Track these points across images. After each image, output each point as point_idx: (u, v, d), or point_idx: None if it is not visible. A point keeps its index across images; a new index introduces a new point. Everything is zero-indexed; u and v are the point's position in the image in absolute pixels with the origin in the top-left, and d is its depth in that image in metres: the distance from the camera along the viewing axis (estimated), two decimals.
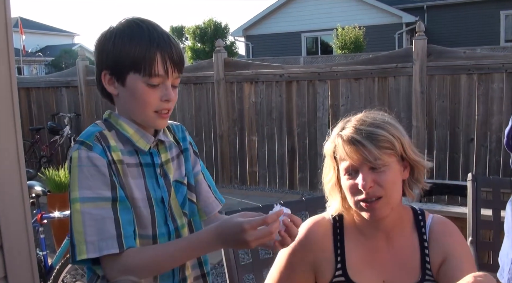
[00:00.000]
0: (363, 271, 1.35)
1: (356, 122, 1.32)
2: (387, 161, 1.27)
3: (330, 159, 1.36)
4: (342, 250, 1.38)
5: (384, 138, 1.27)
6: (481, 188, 2.40)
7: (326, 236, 1.40)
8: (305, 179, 6.07)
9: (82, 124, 7.42)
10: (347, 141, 1.28)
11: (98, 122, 1.33)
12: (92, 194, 1.17)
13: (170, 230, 1.31)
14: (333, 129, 1.38)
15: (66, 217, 3.28)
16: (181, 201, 1.37)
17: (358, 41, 18.65)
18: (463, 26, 19.60)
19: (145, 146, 1.29)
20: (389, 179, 1.27)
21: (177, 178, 1.38)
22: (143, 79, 1.21)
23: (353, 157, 1.27)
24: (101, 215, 1.17)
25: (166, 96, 1.24)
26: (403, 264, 1.35)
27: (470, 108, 5.11)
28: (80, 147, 1.20)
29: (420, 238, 1.37)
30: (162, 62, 1.21)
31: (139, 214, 1.25)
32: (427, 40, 5.19)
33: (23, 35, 19.79)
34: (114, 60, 1.23)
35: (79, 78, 7.28)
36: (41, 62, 28.53)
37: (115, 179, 1.21)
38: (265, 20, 22.06)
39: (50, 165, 6.66)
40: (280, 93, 6.05)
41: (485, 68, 4.97)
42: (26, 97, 7.92)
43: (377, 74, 5.49)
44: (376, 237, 1.37)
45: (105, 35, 1.25)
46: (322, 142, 1.46)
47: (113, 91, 1.28)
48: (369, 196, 1.27)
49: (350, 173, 1.30)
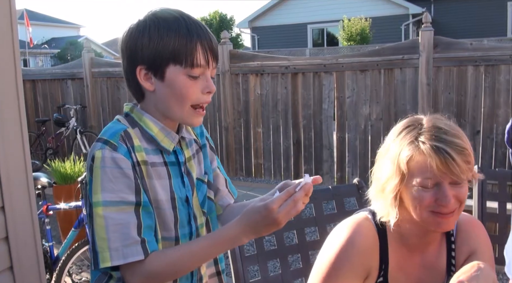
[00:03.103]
0: (398, 277, 1.33)
1: (433, 129, 1.20)
2: (467, 174, 1.19)
3: (397, 166, 1.22)
4: (386, 257, 1.32)
5: (467, 151, 1.18)
6: (487, 180, 2.38)
7: (374, 241, 1.32)
8: (310, 171, 6.06)
9: (88, 116, 7.44)
10: (435, 151, 1.16)
11: (120, 119, 1.25)
12: (115, 198, 1.12)
13: (193, 230, 1.29)
14: (399, 133, 1.25)
15: (72, 208, 3.30)
16: (201, 200, 1.35)
17: (364, 32, 18.56)
18: (470, 18, 19.45)
19: (169, 145, 1.25)
20: (465, 193, 1.21)
21: (199, 175, 1.36)
22: (184, 71, 1.17)
23: (440, 170, 1.16)
24: (124, 219, 1.12)
25: (208, 87, 1.21)
26: (431, 267, 1.34)
27: (476, 100, 5.08)
28: (104, 146, 1.14)
29: (448, 239, 1.36)
30: (203, 52, 1.17)
31: (163, 216, 1.22)
32: (434, 32, 5.15)
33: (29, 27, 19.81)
34: (152, 54, 1.16)
35: (84, 70, 7.29)
36: (47, 54, 28.60)
37: (140, 182, 1.16)
38: (271, 11, 21.98)
39: (56, 157, 6.70)
40: (285, 85, 6.04)
41: (492, 60, 4.93)
42: (32, 89, 7.94)
43: (383, 66, 5.46)
44: (417, 245, 1.33)
45: (136, 29, 1.19)
46: (328, 134, 1.44)
47: (150, 87, 1.20)
48: (448, 210, 1.20)
49: (427, 186, 1.19)
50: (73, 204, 3.29)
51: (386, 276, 1.32)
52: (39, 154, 7.75)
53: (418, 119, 1.26)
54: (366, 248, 1.30)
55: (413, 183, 1.20)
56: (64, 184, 4.39)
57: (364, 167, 5.66)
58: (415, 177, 1.20)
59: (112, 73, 7.11)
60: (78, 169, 4.50)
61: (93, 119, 7.43)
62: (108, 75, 7.17)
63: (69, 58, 23.67)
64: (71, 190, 4.04)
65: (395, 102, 5.43)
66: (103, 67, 7.23)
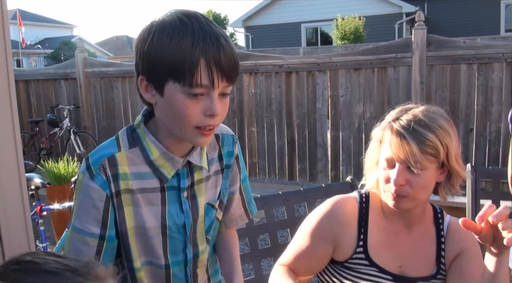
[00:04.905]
0: (381, 253, 1.40)
1: (411, 117, 1.30)
2: (426, 166, 1.27)
3: (377, 142, 1.38)
4: (366, 229, 1.41)
5: (431, 144, 1.26)
6: (481, 178, 2.39)
7: (352, 212, 1.43)
8: (304, 170, 6.08)
9: (81, 116, 7.41)
10: (395, 133, 1.29)
11: (120, 135, 1.17)
12: (81, 226, 1.11)
13: (188, 258, 1.22)
14: (389, 112, 1.40)
15: (66, 208, 3.29)
16: (207, 226, 1.25)
17: (358, 31, 18.59)
18: (464, 16, 19.51)
19: (169, 172, 1.14)
20: (422, 183, 1.29)
21: (210, 200, 1.25)
22: (183, 90, 1.00)
23: (395, 151, 1.28)
24: (82, 250, 1.10)
25: (210, 110, 1.03)
26: (420, 254, 1.40)
27: (469, 98, 5.10)
28: (85, 171, 1.11)
29: (438, 233, 1.42)
30: (206, 70, 0.99)
31: (150, 244, 1.17)
32: (427, 30, 5.17)
33: (22, 27, 19.72)
34: (150, 65, 1.03)
35: (78, 70, 7.26)
36: (40, 54, 28.47)
37: (111, 215, 1.11)
38: (265, 10, 21.97)
39: (49, 158, 6.66)
40: (279, 84, 6.04)
41: (485, 58, 4.95)
42: (25, 89, 7.90)
43: (376, 64, 5.48)
44: (398, 223, 1.41)
45: (145, 32, 1.05)
46: (322, 132, 1.47)
47: (151, 100, 1.08)
48: (397, 193, 1.30)
49: (388, 164, 1.32)
50: (67, 204, 3.28)
51: (367, 250, 1.39)
52: (32, 155, 7.71)
53: (411, 107, 1.36)
54: (339, 215, 1.42)
55: (381, 160, 1.34)
56: (57, 184, 4.37)
57: (358, 165, 5.67)
58: (381, 153, 1.35)
59: (106, 73, 7.08)
60: (71, 169, 4.49)
61: (87, 119, 7.40)
62: (101, 75, 7.14)
63: (63, 59, 23.57)
64: (65, 190, 4.02)
65: (388, 100, 5.45)
66: (97, 67, 7.20)
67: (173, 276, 1.22)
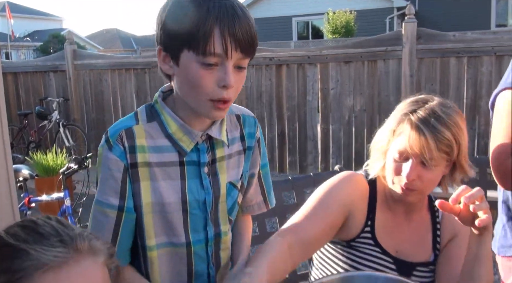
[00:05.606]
0: (383, 236, 1.42)
1: (430, 111, 1.29)
2: (439, 163, 1.29)
3: (390, 132, 1.36)
4: (374, 211, 1.43)
5: (448, 142, 1.27)
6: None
7: (365, 188, 1.45)
8: (294, 163, 6.08)
9: (71, 109, 7.35)
10: (415, 128, 1.28)
11: (139, 111, 1.17)
12: (102, 198, 1.12)
13: (209, 236, 1.20)
14: (406, 103, 1.36)
15: (54, 200, 3.28)
16: (230, 206, 1.24)
17: (349, 25, 18.60)
18: (454, 11, 19.56)
19: (188, 145, 1.13)
20: (432, 177, 1.31)
21: (232, 179, 1.23)
22: (197, 58, 1.01)
23: (412, 146, 1.28)
24: (102, 222, 1.12)
25: (223, 81, 1.03)
26: (416, 241, 1.44)
27: (459, 92, 5.13)
28: (104, 144, 1.12)
29: (433, 220, 1.46)
30: (220, 38, 0.99)
31: (170, 220, 1.15)
32: (417, 24, 5.18)
33: (11, 20, 19.53)
34: (168, 35, 1.04)
35: (67, 62, 7.20)
36: (29, 47, 28.23)
37: (129, 187, 1.12)
38: (256, 4, 21.91)
39: (38, 150, 6.62)
40: (270, 77, 6.03)
41: (474, 51, 4.98)
42: (13, 82, 7.83)
43: (366, 57, 5.48)
44: (399, 211, 1.44)
45: (164, 3, 1.07)
46: (312, 125, 1.46)
47: (168, 71, 1.09)
48: (407, 186, 1.32)
49: (401, 156, 1.32)
50: (55, 196, 3.27)
51: (374, 230, 1.42)
52: (21, 147, 7.66)
53: (427, 99, 1.35)
54: (356, 189, 1.43)
55: (394, 152, 1.33)
56: (46, 176, 4.36)
57: (348, 157, 5.69)
58: (394, 144, 1.33)
59: (95, 66, 7.03)
60: (60, 161, 4.47)
61: (76, 112, 7.34)
62: (91, 67, 7.09)
63: (52, 51, 23.38)
64: (53, 182, 4.00)
65: (378, 93, 5.46)
66: (86, 60, 7.14)
67: (195, 255, 1.20)
